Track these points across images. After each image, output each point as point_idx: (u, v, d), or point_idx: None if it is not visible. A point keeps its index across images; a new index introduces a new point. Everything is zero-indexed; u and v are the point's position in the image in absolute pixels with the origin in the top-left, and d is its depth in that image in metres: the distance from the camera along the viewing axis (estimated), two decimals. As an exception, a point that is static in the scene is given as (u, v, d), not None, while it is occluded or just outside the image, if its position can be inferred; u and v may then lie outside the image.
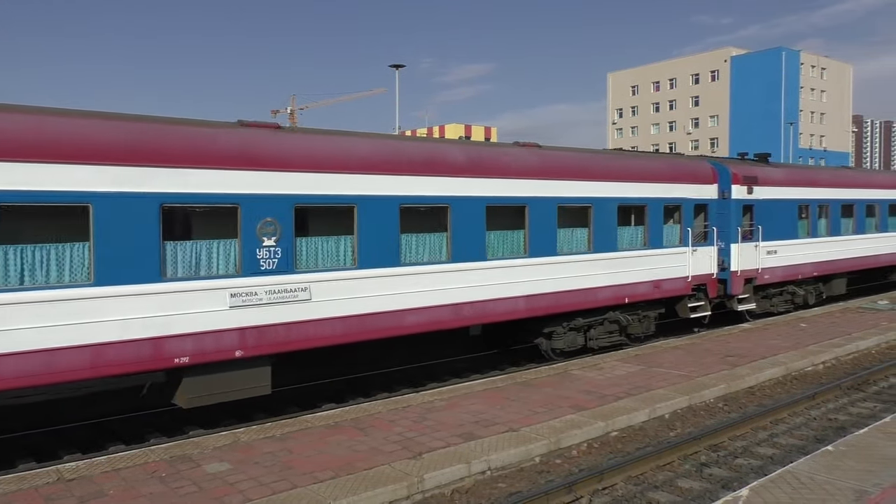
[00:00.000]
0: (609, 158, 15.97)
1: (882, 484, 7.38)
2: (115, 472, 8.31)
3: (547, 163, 14.34)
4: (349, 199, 11.15)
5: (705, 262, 17.61)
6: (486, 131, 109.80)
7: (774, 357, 14.55)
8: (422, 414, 10.65)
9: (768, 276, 19.44)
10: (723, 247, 18.23)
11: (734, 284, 18.47)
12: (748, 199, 18.79)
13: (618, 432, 10.26)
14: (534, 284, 13.83)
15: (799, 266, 20.67)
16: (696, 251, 17.24)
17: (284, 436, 9.64)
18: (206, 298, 9.66)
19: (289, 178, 10.46)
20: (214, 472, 8.28)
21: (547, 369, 13.71)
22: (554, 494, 7.84)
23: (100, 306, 8.83)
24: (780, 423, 11.00)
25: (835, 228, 22.49)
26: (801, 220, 21.03)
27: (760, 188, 19.10)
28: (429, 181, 12.15)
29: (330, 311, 10.87)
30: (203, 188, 9.62)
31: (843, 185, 23.07)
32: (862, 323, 18.73)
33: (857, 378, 13.32)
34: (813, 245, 21.26)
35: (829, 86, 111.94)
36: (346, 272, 11.11)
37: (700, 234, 17.61)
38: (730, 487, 8.42)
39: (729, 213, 18.34)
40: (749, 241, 18.77)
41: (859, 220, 23.70)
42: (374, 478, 7.99)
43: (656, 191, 16.30)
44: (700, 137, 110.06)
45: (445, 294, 12.38)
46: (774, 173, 20.12)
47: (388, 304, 11.55)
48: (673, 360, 14.43)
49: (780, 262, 19.76)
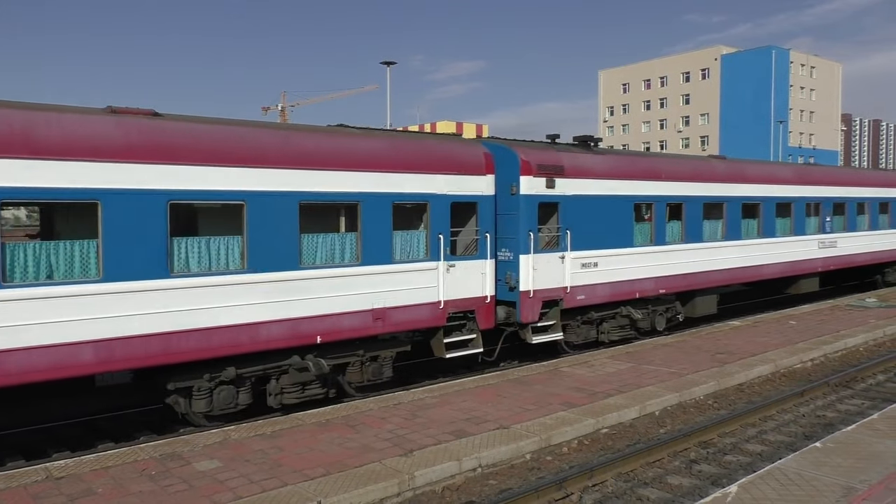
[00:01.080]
0: (282, 135, 10.83)
1: (869, 480, 7.45)
2: (105, 470, 8.27)
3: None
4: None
5: (473, 280, 13.03)
6: (478, 128, 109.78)
7: (764, 354, 14.63)
8: (413, 411, 10.65)
9: (583, 295, 14.88)
10: (511, 258, 13.90)
11: (525, 309, 13.81)
12: (549, 196, 14.20)
13: (608, 429, 10.30)
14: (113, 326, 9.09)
15: (635, 282, 16.09)
16: (456, 267, 12.73)
17: (275, 433, 9.63)
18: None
19: None
20: (204, 469, 8.26)
21: (538, 366, 13.73)
22: (544, 491, 7.86)
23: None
24: (769, 420, 11.07)
25: (693, 233, 17.69)
26: (641, 222, 16.63)
27: (570, 181, 14.54)
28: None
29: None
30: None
31: (711, 178, 18.29)
32: (850, 320, 18.86)
33: (846, 375, 13.41)
34: (658, 254, 16.67)
35: (818, 84, 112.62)
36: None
37: (472, 242, 13.28)
38: (719, 484, 8.47)
39: (517, 213, 13.74)
40: (553, 250, 14.34)
41: (731, 222, 18.84)
42: (365, 475, 7.99)
43: (375, 183, 11.60)
44: (690, 135, 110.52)
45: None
46: (594, 162, 15.39)
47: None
48: (663, 357, 14.49)
49: (603, 278, 15.26)
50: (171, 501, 7.33)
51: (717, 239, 18.47)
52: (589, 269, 14.99)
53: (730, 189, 18.73)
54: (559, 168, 14.40)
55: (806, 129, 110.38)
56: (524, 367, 13.91)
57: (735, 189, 18.90)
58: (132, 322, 9.21)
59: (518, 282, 13.79)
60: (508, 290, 13.89)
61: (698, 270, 17.81)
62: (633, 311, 16.26)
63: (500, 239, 13.96)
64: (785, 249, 20.75)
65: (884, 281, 27.60)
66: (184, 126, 9.90)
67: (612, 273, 15.51)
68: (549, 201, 14.28)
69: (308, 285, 10.89)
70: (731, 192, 18.76)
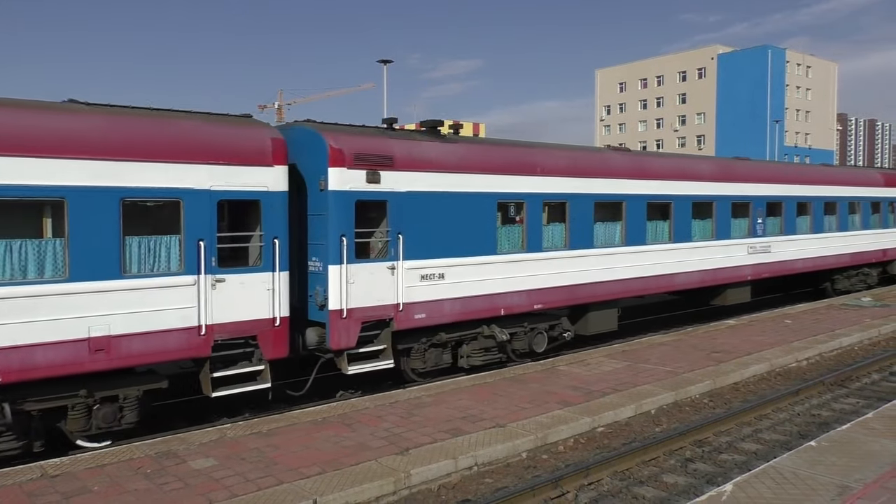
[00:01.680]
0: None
1: (864, 479, 7.47)
2: (100, 468, 8.25)
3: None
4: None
5: (255, 298, 10.37)
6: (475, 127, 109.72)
7: (759, 353, 14.66)
8: (409, 409, 10.65)
9: (424, 314, 12.21)
10: (320, 269, 11.34)
11: (336, 331, 11.15)
12: (373, 192, 11.53)
13: (604, 428, 10.31)
14: None
15: (497, 297, 13.31)
16: (227, 282, 10.03)
17: (271, 431, 9.62)
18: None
19: None
20: (200, 468, 8.25)
21: (534, 365, 13.74)
22: (540, 489, 7.87)
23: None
24: (764, 419, 11.10)
25: (581, 237, 14.92)
26: (509, 225, 13.96)
27: (403, 175, 11.90)
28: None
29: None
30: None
31: (604, 173, 15.48)
32: (845, 319, 18.91)
33: (840, 374, 13.45)
34: (532, 264, 13.93)
35: (814, 84, 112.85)
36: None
37: (256, 251, 10.56)
38: (714, 482, 8.49)
39: (326, 214, 11.22)
40: (380, 259, 11.71)
41: (633, 224, 16.10)
42: (361, 473, 7.99)
43: (90, 174, 8.86)
44: (687, 135, 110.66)
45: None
46: (441, 152, 12.62)
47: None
48: (659, 355, 14.51)
49: (453, 292, 12.65)
50: (167, 500, 7.32)
51: (615, 244, 15.81)
52: (432, 281, 12.31)
53: (631, 186, 16.09)
54: (386, 158, 11.65)
55: (802, 129, 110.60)
56: (520, 365, 13.91)
57: (638, 186, 16.26)
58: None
59: (327, 298, 11.17)
60: (318, 308, 11.37)
61: (588, 281, 15.06)
62: (499, 330, 13.36)
63: (311, 246, 11.64)
64: (704, 255, 18.12)
65: (833, 289, 25.00)
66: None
67: (465, 286, 12.82)
68: (373, 199, 11.57)
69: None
70: (632, 189, 16.12)
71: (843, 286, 25.11)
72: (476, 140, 14.27)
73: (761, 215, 20.13)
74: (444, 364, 13.16)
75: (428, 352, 12.88)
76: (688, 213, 17.65)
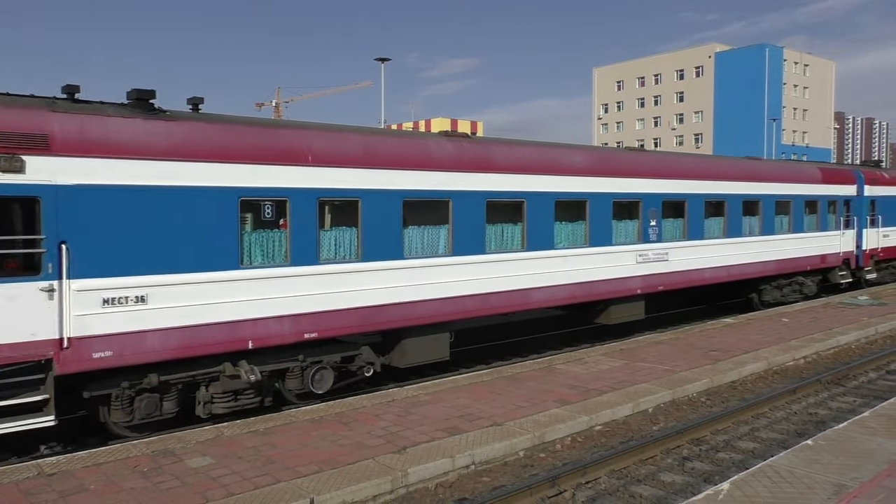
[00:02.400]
0: None
1: (860, 478, 7.48)
2: (97, 466, 8.24)
3: None
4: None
5: None
6: (472, 125, 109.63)
7: (757, 352, 14.68)
8: (406, 408, 10.65)
9: (110, 351, 9.14)
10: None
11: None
12: (8, 185, 8.48)
13: (601, 426, 10.32)
14: None
15: (240, 325, 10.25)
16: None
17: (268, 430, 9.61)
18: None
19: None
20: (197, 466, 8.24)
21: (532, 364, 13.75)
22: (537, 488, 7.87)
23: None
24: (762, 418, 11.12)
25: (379, 247, 11.75)
26: (263, 231, 10.73)
27: (70, 161, 8.86)
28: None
29: None
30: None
31: (423, 164, 12.35)
32: (842, 318, 18.95)
33: (837, 373, 13.47)
34: (299, 280, 10.86)
35: (811, 83, 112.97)
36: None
37: None
38: (711, 481, 8.50)
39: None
40: (22, 278, 8.68)
41: (465, 229, 12.94)
42: (358, 472, 7.98)
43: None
44: (684, 133, 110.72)
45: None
46: (147, 134, 9.47)
47: None
48: (657, 354, 14.52)
49: (161, 321, 9.56)
50: (164, 498, 7.31)
51: (439, 254, 12.66)
52: (126, 307, 9.23)
53: (462, 181, 12.88)
54: (37, 138, 8.61)
55: (799, 127, 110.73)
56: (517, 364, 13.91)
57: (472, 181, 13.02)
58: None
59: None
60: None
61: (398, 301, 11.96)
62: (248, 368, 10.26)
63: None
64: (573, 266, 14.95)
65: (761, 301, 21.84)
66: None
67: (183, 312, 9.70)
68: (10, 195, 8.51)
69: None
70: (463, 184, 12.91)
71: (772, 297, 21.89)
72: (211, 118, 10.44)
73: (655, 217, 16.86)
74: (169, 414, 10.11)
75: (139, 399, 9.77)
76: (550, 214, 14.46)
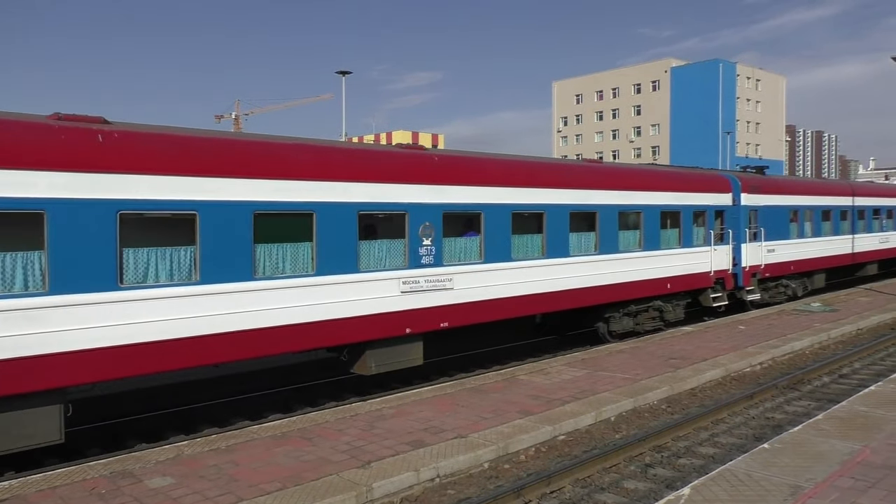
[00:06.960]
0: None
1: (815, 479, 7.68)
2: (52, 489, 8.01)
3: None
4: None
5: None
6: (434, 138, 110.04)
7: (715, 359, 14.97)
8: (370, 422, 10.59)
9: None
10: None
11: None
12: None
13: (565, 436, 10.40)
14: None
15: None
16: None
17: (230, 448, 9.46)
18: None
19: None
20: (157, 486, 8.07)
21: (495, 375, 13.79)
22: (503, 499, 7.89)
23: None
24: (721, 423, 11.33)
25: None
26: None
27: None
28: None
29: None
30: None
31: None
32: (797, 325, 19.44)
33: (793, 378, 13.81)
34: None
35: (763, 97, 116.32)
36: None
37: None
38: (673, 487, 8.62)
39: None
40: None
41: (77, 253, 8.80)
42: (322, 488, 7.91)
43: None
44: (642, 145, 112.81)
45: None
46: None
47: None
48: (618, 363, 14.70)
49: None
50: (122, 520, 7.13)
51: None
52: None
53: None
54: None
55: (752, 140, 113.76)
56: (481, 375, 13.95)
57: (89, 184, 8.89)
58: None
59: None
60: None
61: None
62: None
63: None
64: (287, 302, 10.85)
65: (609, 331, 17.87)
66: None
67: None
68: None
69: None
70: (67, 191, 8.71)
71: (621, 327, 17.90)
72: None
73: (429, 234, 12.81)
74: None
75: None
76: (247, 231, 10.40)
